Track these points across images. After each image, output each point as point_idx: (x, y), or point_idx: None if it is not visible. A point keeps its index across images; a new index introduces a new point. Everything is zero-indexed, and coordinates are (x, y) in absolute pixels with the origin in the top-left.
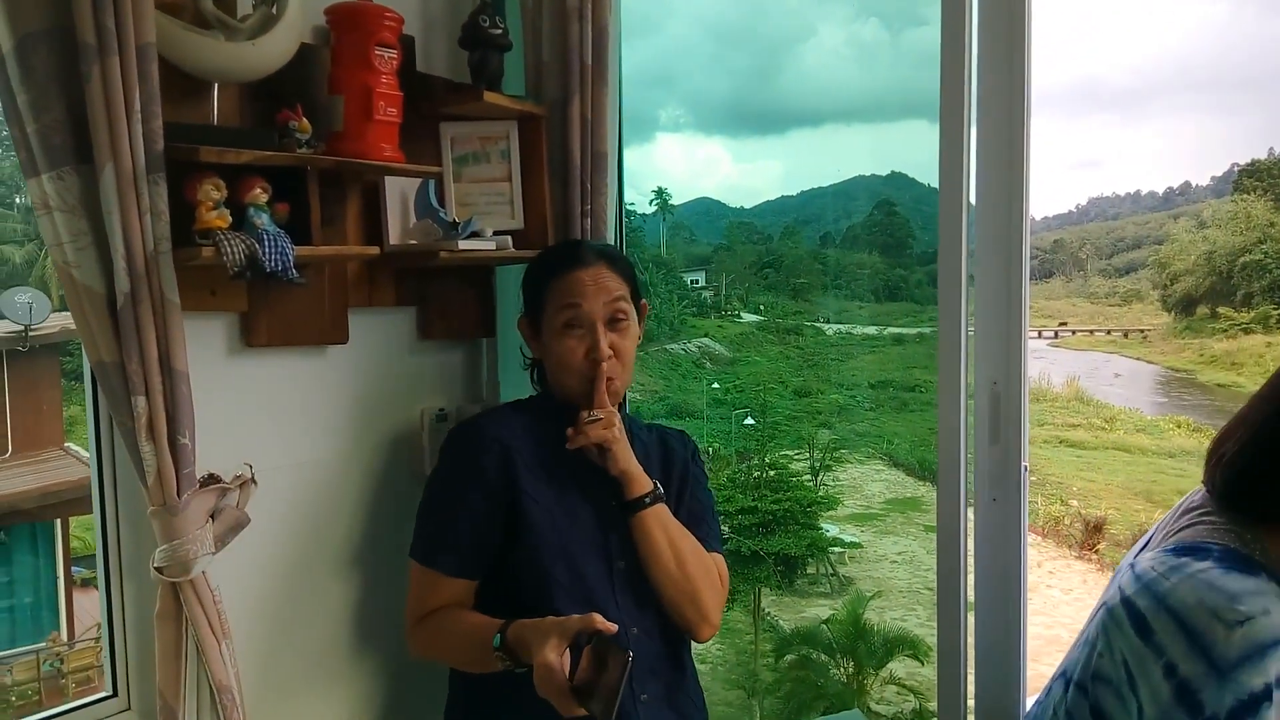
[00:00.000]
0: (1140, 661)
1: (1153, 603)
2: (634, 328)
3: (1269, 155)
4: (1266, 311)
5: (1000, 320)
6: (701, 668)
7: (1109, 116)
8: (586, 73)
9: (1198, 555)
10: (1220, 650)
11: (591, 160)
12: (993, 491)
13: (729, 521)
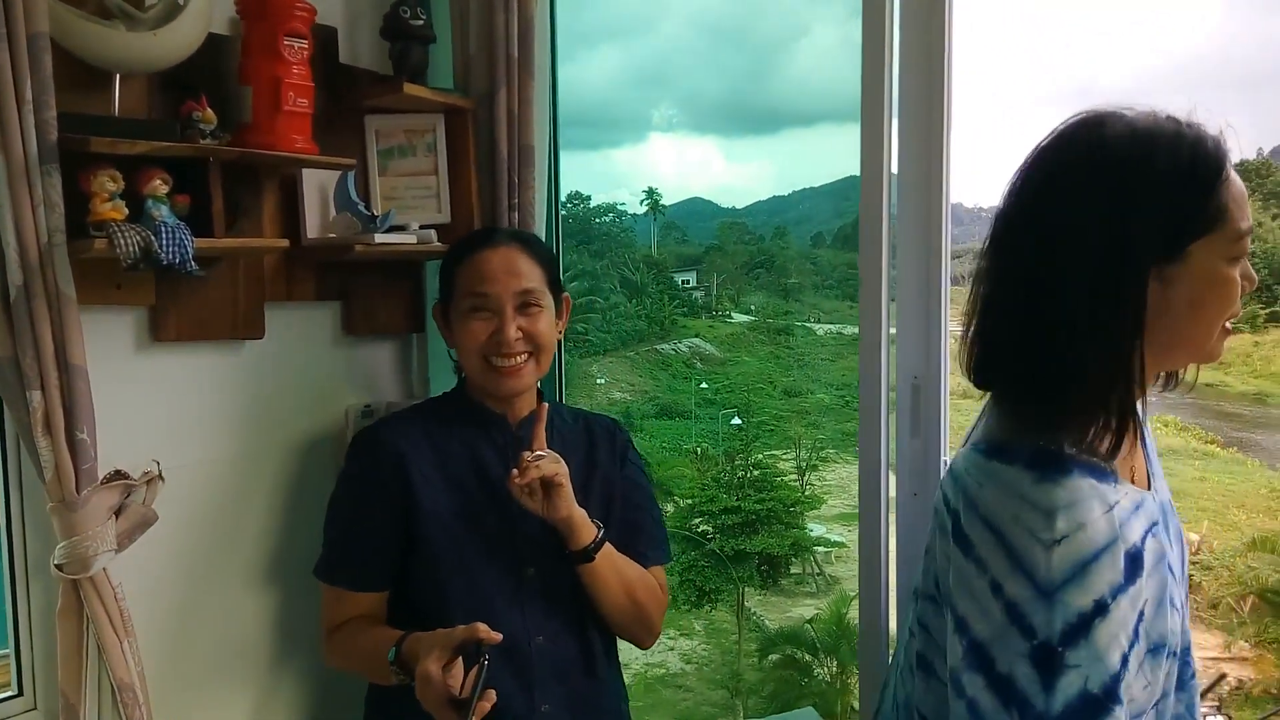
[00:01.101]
0: (960, 573)
1: (969, 512)
2: (549, 315)
3: (1258, 156)
4: (1254, 310)
5: (921, 316)
6: (686, 667)
7: None
8: (513, 66)
9: (1005, 457)
10: (1042, 573)
11: (519, 154)
12: (913, 486)
13: (712, 521)
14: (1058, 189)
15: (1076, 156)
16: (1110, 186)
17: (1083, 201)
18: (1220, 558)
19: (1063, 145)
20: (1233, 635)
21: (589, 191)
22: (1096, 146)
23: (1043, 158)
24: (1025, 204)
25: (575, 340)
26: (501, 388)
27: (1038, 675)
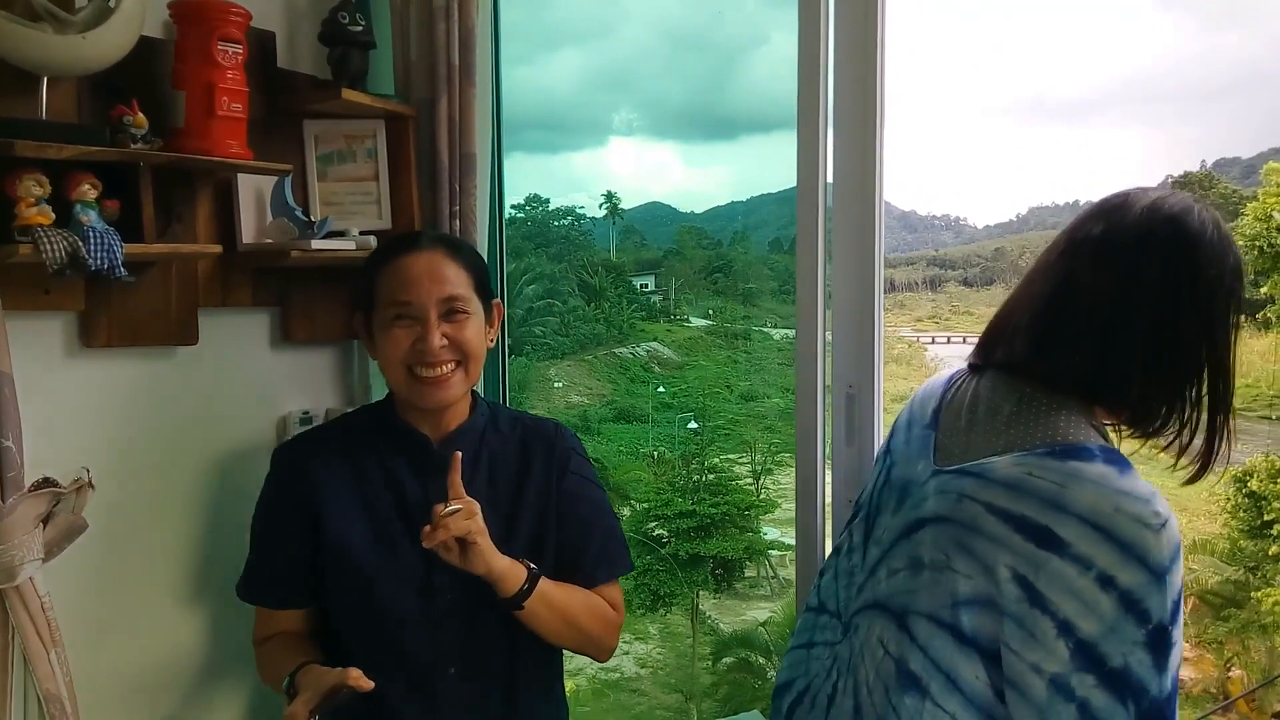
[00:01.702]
0: (1058, 579)
1: (1054, 513)
2: (477, 322)
3: (1201, 167)
4: None
5: (855, 327)
6: (640, 671)
7: (1054, 128)
8: (454, 73)
9: (1083, 455)
10: (1155, 556)
11: (460, 161)
12: (849, 492)
13: (667, 525)
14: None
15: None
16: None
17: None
18: None
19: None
20: None
21: (548, 195)
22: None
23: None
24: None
25: (533, 343)
26: (427, 399)
27: (1152, 659)
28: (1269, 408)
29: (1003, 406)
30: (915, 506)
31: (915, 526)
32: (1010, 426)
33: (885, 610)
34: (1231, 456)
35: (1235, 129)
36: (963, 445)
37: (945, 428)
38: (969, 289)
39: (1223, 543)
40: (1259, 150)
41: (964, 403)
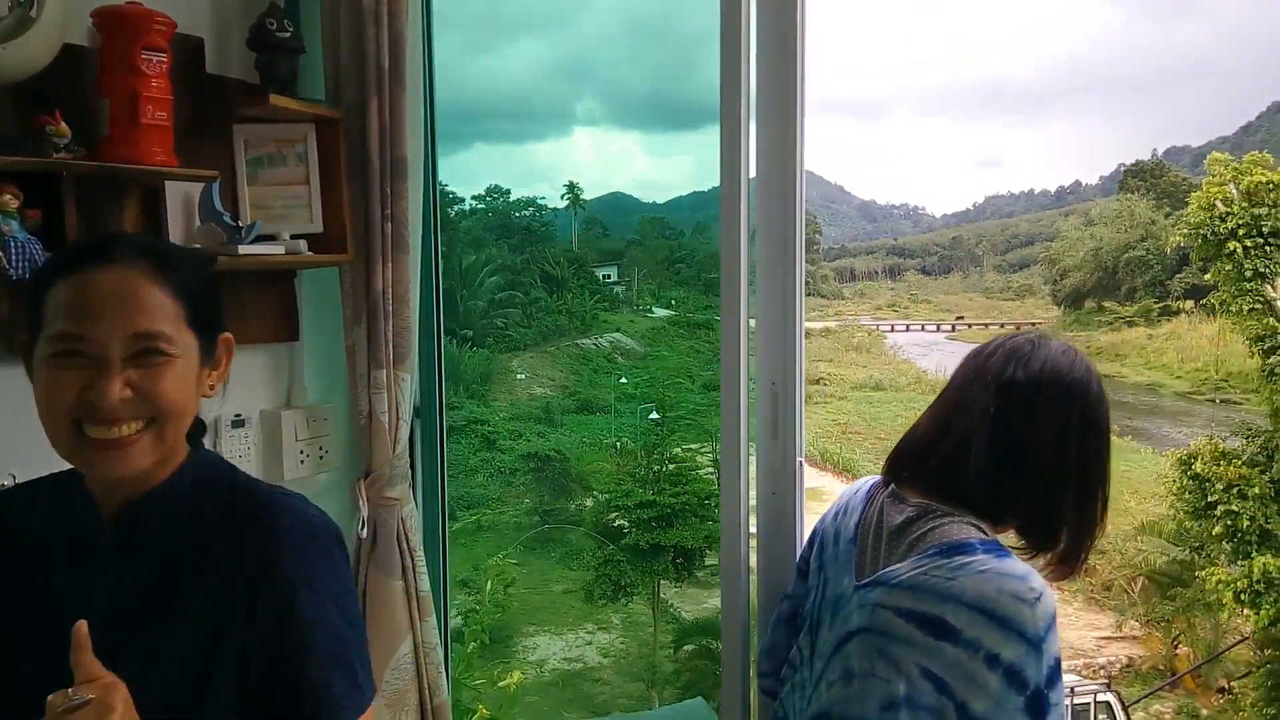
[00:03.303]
0: (954, 666)
1: (947, 605)
2: (184, 368)
3: (1152, 156)
4: (1148, 305)
5: (778, 324)
6: (603, 661)
7: (1010, 117)
8: (384, 77)
9: (967, 550)
10: (1031, 627)
11: (392, 165)
12: (772, 486)
13: (628, 515)
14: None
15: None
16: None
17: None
18: (1113, 542)
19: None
20: (1124, 615)
21: (509, 185)
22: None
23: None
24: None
25: (495, 335)
26: (97, 467)
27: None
28: (1215, 391)
29: (906, 523)
30: (845, 621)
31: (845, 640)
32: (911, 537)
33: (827, 719)
34: (1176, 442)
35: (1185, 118)
36: (874, 559)
37: (861, 544)
38: (927, 277)
39: (1170, 524)
40: (1208, 139)
41: (874, 518)
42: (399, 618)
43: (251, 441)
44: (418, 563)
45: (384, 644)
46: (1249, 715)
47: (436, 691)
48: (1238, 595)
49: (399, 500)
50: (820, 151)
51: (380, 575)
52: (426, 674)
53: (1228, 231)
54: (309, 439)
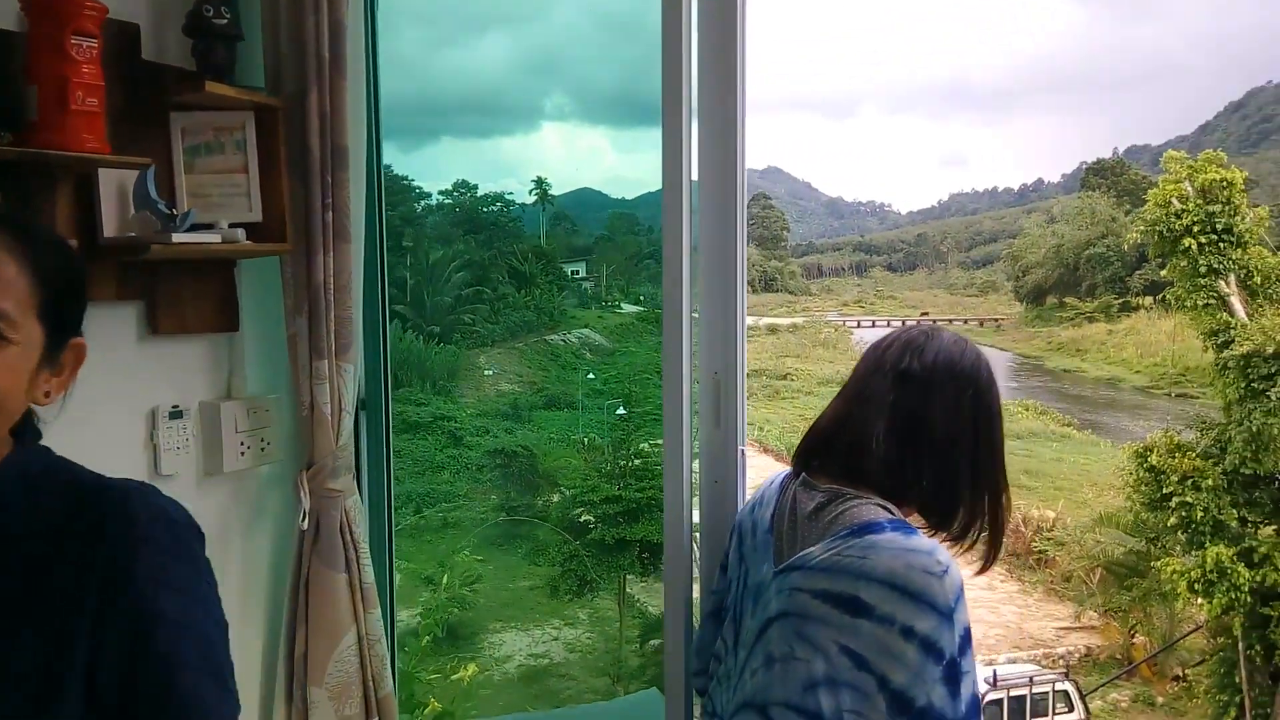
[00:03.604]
0: (871, 641)
1: (859, 583)
2: (19, 356)
3: (1113, 155)
4: (1108, 301)
5: (720, 314)
6: (570, 656)
7: (975, 115)
8: (324, 65)
9: (876, 530)
10: (942, 599)
11: (332, 154)
12: (715, 474)
13: (594, 511)
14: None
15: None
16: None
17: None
18: (1072, 533)
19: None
20: (1082, 605)
21: (476, 180)
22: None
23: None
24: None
25: (462, 331)
26: None
27: (948, 690)
28: (1173, 385)
29: (820, 506)
30: (764, 607)
31: (766, 626)
32: (821, 521)
33: (752, 707)
34: (1134, 435)
35: (1146, 117)
36: (791, 545)
37: (778, 533)
38: (893, 274)
39: (1127, 516)
40: (1168, 138)
41: (788, 507)
42: (342, 610)
43: (190, 433)
44: (361, 555)
45: (327, 636)
46: (1202, 702)
47: (381, 683)
48: (1192, 585)
49: (342, 492)
50: (788, 149)
51: (323, 567)
52: (371, 666)
53: (1183, 228)
54: (249, 430)
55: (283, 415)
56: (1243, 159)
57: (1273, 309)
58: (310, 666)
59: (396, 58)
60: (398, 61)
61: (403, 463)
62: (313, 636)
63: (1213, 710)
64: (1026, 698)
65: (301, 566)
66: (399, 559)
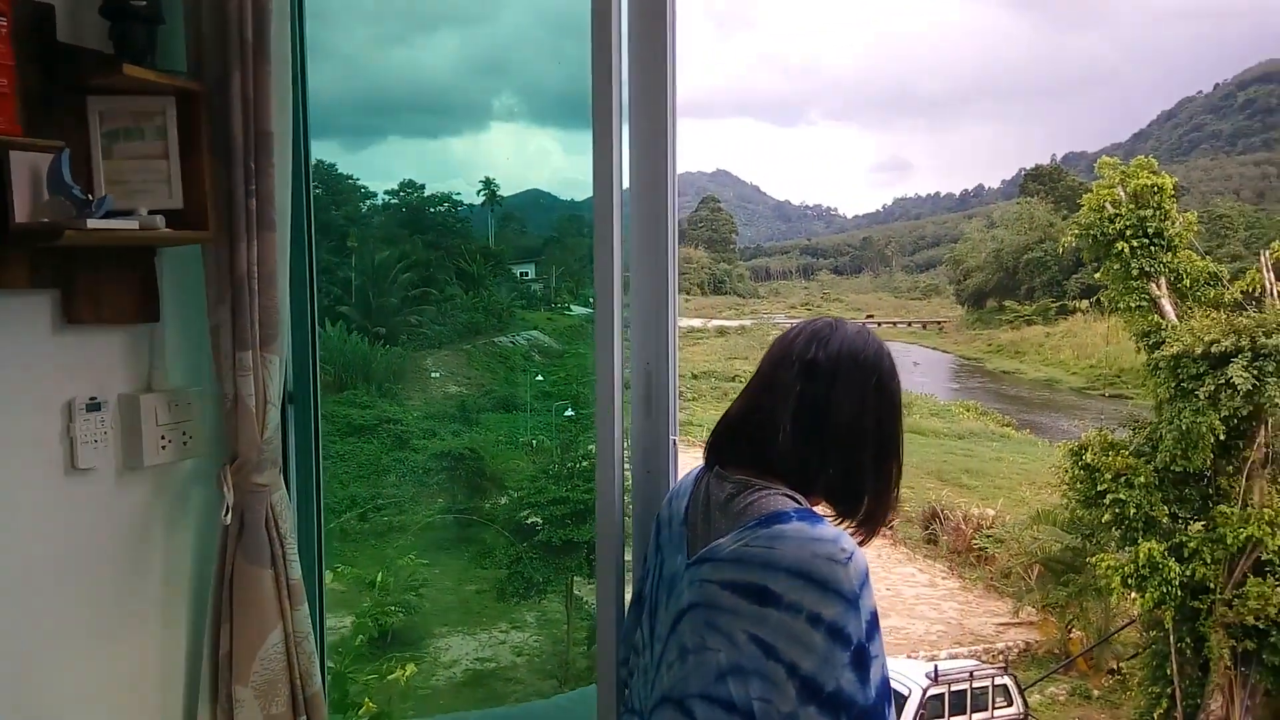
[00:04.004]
0: (780, 629)
1: (766, 572)
2: None
3: (1051, 161)
4: (1046, 305)
5: (652, 309)
6: (517, 660)
7: (918, 122)
8: (247, 49)
9: (782, 519)
10: (847, 585)
11: (256, 140)
12: (647, 464)
13: (541, 513)
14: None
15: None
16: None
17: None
18: (1011, 531)
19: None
20: (1021, 601)
21: (424, 180)
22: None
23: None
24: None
25: (409, 333)
26: None
27: (857, 676)
28: (1108, 386)
29: (729, 496)
30: (677, 599)
31: (678, 618)
32: (731, 513)
33: (670, 701)
34: (1071, 435)
35: (1083, 125)
36: (703, 537)
37: (692, 524)
38: (839, 277)
39: (1063, 513)
40: (1103, 145)
41: (701, 498)
42: (268, 607)
43: (108, 426)
44: (288, 551)
45: (252, 634)
46: (1136, 695)
47: (309, 681)
48: (1125, 580)
49: (268, 486)
50: (737, 152)
51: (247, 564)
52: (298, 664)
53: (1116, 232)
54: (171, 424)
55: (206, 408)
56: (1175, 166)
57: (1201, 311)
58: (235, 665)
59: (343, 55)
60: (344, 59)
61: (347, 466)
62: (237, 634)
63: (1146, 702)
64: (967, 692)
65: (225, 563)
66: (343, 564)
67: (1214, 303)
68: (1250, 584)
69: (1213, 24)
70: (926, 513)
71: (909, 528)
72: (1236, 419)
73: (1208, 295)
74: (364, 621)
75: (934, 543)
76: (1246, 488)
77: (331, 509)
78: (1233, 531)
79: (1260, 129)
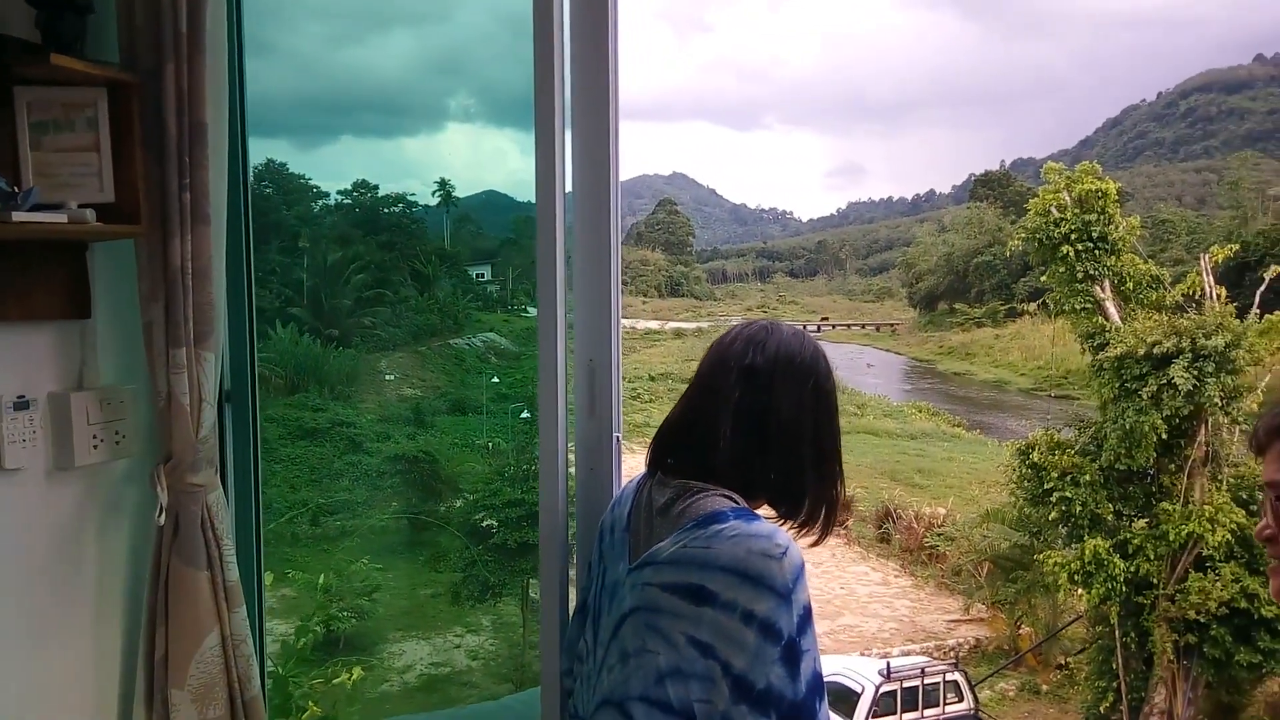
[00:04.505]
0: (715, 628)
1: (704, 572)
2: None
3: (1000, 167)
4: (995, 307)
5: (596, 305)
6: (472, 664)
7: (872, 127)
8: (182, 41)
9: (720, 519)
10: (780, 580)
11: (190, 132)
12: (590, 462)
13: (496, 515)
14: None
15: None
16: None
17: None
18: (961, 529)
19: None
20: (971, 598)
21: (377, 181)
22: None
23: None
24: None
25: (363, 335)
26: None
27: (787, 671)
28: (1055, 387)
29: (668, 503)
30: (619, 604)
31: (620, 622)
32: (671, 516)
33: (611, 704)
34: (1019, 435)
35: (1030, 132)
36: (645, 541)
37: (634, 530)
38: (795, 279)
39: (1011, 511)
40: (1050, 151)
41: (644, 504)
42: (204, 610)
43: (37, 425)
44: (224, 551)
45: (189, 636)
46: (1083, 689)
47: (248, 685)
48: (1072, 576)
49: (203, 487)
50: (694, 156)
51: (183, 565)
52: (236, 667)
53: (1061, 236)
54: (103, 422)
55: (139, 406)
56: (1119, 173)
57: (1144, 313)
58: (171, 668)
59: (296, 54)
60: (297, 58)
61: (298, 470)
62: (173, 637)
63: (1092, 696)
64: (919, 689)
65: (160, 565)
66: (294, 570)
67: (1156, 305)
68: (1192, 579)
69: (1158, 34)
70: (880, 512)
71: (863, 527)
72: (1178, 418)
73: (1150, 298)
74: (306, 625)
75: (887, 541)
76: (1188, 485)
77: (282, 514)
78: (1175, 528)
79: (1201, 136)
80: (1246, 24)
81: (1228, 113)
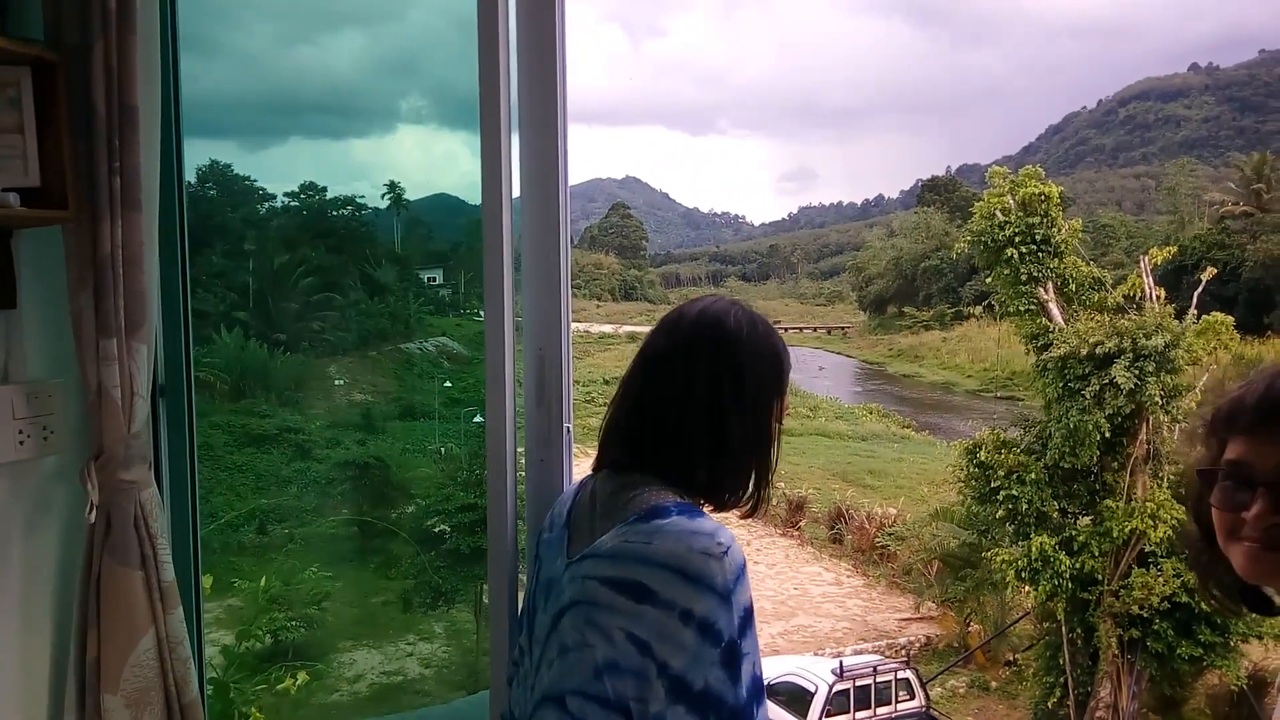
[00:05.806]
0: (654, 625)
1: (644, 568)
2: None
3: (946, 172)
4: (942, 311)
5: (546, 295)
6: (425, 672)
7: (823, 133)
8: (110, 17)
9: (662, 514)
10: (720, 580)
11: (120, 114)
12: (540, 453)
13: (449, 520)
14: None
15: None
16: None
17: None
18: (912, 529)
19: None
20: (922, 597)
21: (326, 183)
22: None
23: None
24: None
25: (311, 339)
26: None
27: (727, 674)
28: (1001, 388)
29: (611, 496)
30: (557, 599)
31: (558, 617)
32: (614, 510)
33: (550, 699)
34: (966, 435)
35: (976, 138)
36: (586, 536)
37: (576, 525)
38: (747, 283)
39: (960, 510)
40: (995, 158)
41: (586, 500)
42: (138, 611)
43: None
44: (159, 551)
45: (122, 638)
46: (1031, 685)
47: (185, 690)
48: (1019, 573)
49: (136, 483)
50: (647, 160)
51: (116, 564)
52: (173, 671)
53: (1006, 239)
54: (30, 417)
55: (68, 400)
56: (1061, 178)
57: (1086, 315)
58: (103, 672)
59: (243, 53)
60: (244, 57)
61: (245, 477)
62: (105, 640)
63: (1040, 691)
64: (871, 687)
65: (92, 564)
66: (239, 579)
67: (1098, 306)
68: (1135, 575)
69: (1099, 43)
70: (832, 513)
71: (815, 528)
72: (1120, 417)
73: (1092, 299)
74: (249, 629)
75: (839, 542)
76: (1130, 483)
77: (230, 523)
78: (1118, 525)
79: (1140, 143)
80: (1183, 34)
81: (1165, 120)
